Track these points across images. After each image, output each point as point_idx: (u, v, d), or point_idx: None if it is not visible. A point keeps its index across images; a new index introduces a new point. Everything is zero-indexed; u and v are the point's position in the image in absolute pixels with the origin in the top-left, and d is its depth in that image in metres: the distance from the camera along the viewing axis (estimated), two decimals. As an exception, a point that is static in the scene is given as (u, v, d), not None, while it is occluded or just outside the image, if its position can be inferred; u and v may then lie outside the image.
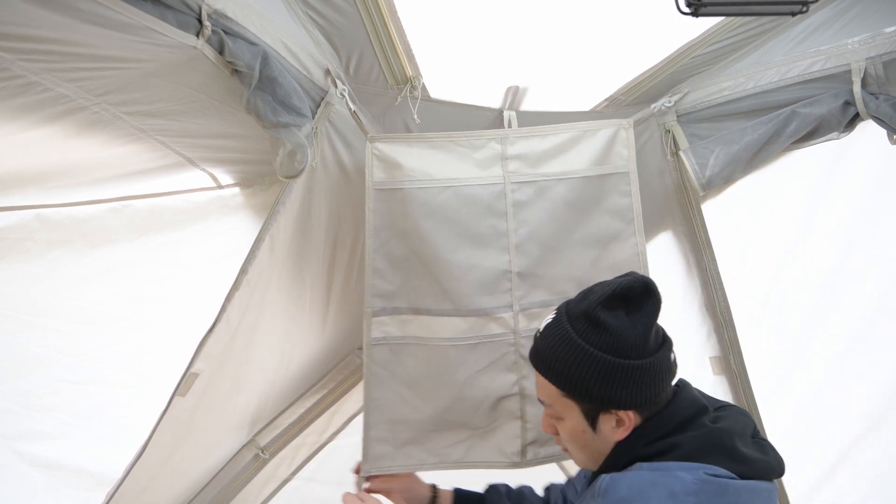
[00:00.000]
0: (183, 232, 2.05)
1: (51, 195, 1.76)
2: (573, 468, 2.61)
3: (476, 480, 2.03)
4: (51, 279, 1.85)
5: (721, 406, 1.47)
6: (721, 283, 2.31)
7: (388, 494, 1.95)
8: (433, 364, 2.01)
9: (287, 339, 2.32)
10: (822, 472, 2.46)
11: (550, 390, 1.44)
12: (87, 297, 1.93)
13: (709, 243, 2.29)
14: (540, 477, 2.08)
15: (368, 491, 1.94)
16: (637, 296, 1.40)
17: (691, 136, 2.15)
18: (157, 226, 1.99)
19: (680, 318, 2.42)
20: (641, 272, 1.89)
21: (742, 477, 1.28)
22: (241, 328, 2.07)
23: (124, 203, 1.92)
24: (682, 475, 1.25)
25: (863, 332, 2.37)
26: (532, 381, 1.87)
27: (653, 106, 2.15)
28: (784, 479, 2.42)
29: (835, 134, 1.97)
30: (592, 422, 1.40)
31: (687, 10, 1.41)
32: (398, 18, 1.77)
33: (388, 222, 1.96)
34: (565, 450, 1.53)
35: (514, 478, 2.04)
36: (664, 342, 1.42)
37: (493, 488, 1.98)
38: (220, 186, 2.04)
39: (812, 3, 1.45)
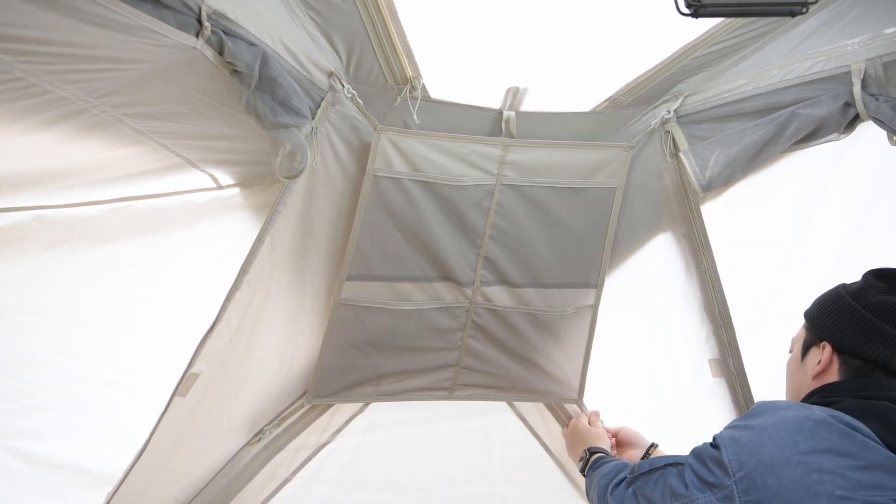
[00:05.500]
0: (182, 232, 2.04)
1: (51, 196, 1.76)
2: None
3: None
4: (49, 279, 1.85)
5: None
6: (720, 285, 2.31)
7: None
8: (393, 325, 2.31)
9: (288, 339, 2.32)
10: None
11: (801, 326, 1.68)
12: (85, 298, 1.93)
13: (708, 245, 2.29)
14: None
15: None
16: None
17: (691, 137, 2.14)
18: (156, 226, 1.98)
19: (679, 320, 2.42)
20: (599, 282, 2.36)
21: (891, 448, 1.31)
22: (241, 328, 2.07)
23: (124, 204, 1.91)
24: (815, 408, 1.37)
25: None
26: (475, 340, 2.42)
27: (654, 122, 2.17)
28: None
29: (835, 135, 1.97)
30: (805, 351, 1.62)
31: (687, 10, 1.40)
32: (398, 18, 1.76)
33: (380, 206, 2.13)
34: None
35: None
36: None
37: None
38: (220, 187, 2.04)
39: (812, 3, 1.44)
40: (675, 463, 1.54)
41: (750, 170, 2.08)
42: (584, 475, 2.08)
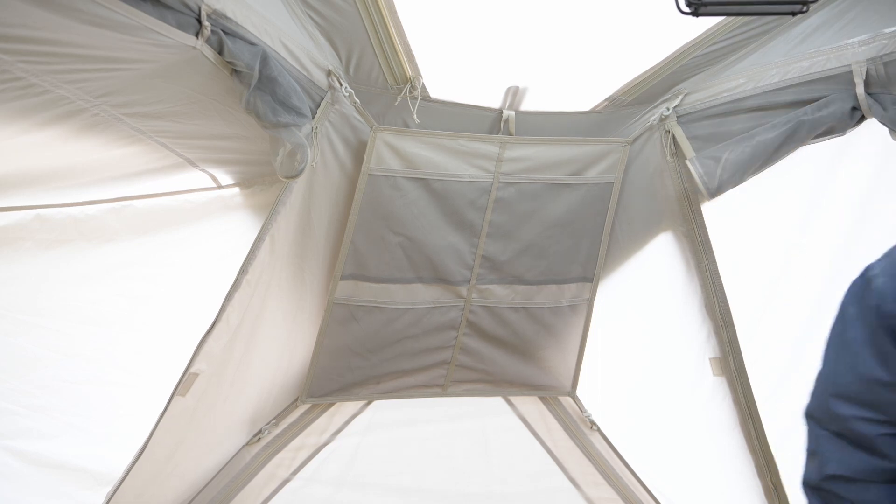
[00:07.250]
0: (183, 232, 2.05)
1: (51, 195, 1.76)
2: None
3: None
4: (50, 279, 1.85)
5: None
6: (721, 284, 2.30)
7: None
8: (388, 325, 2.33)
9: (287, 339, 2.32)
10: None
11: None
12: (86, 298, 1.93)
13: (708, 244, 2.28)
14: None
15: None
16: None
17: (691, 136, 2.14)
18: (156, 226, 1.99)
19: (680, 319, 2.41)
20: (595, 276, 2.38)
21: None
22: (241, 328, 2.07)
23: (124, 203, 1.92)
24: None
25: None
26: (470, 337, 2.43)
27: (652, 118, 2.17)
28: (785, 479, 2.41)
29: (839, 132, 1.97)
30: None
31: (687, 9, 1.40)
32: (398, 18, 1.76)
33: (375, 205, 2.14)
34: None
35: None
36: None
37: None
38: (220, 187, 2.04)
39: (812, 3, 1.44)
40: None
41: (757, 173, 2.07)
42: None
